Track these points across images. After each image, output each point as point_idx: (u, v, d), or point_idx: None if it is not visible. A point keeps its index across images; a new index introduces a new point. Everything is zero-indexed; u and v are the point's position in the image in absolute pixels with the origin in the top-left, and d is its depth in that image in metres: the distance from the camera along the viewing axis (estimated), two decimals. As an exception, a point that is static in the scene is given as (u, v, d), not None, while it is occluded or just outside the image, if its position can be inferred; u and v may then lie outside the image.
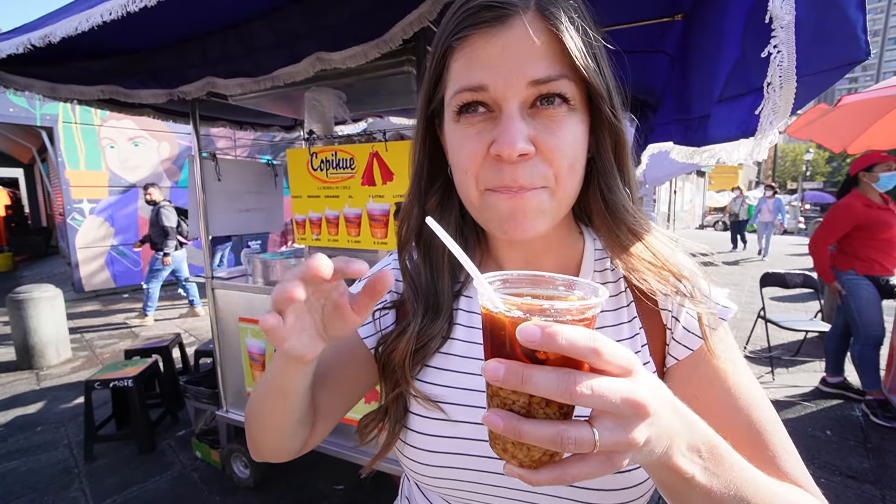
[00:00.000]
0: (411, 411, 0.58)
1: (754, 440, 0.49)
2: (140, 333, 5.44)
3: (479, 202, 0.50)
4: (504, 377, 0.30)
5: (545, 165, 0.47)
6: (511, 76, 0.44)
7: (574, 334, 0.29)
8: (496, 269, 0.60)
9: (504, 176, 0.46)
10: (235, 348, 2.49)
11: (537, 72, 0.44)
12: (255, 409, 0.56)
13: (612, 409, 0.30)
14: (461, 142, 0.49)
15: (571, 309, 0.32)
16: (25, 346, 4.35)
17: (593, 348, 0.29)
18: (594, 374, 0.30)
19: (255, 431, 0.57)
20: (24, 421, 3.38)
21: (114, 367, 3.06)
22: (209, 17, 1.63)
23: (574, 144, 0.47)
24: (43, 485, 2.61)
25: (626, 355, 0.31)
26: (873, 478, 2.53)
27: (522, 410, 0.32)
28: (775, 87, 0.80)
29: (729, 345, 0.54)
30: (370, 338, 0.63)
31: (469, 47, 0.46)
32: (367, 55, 1.47)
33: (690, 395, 0.52)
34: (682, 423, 0.36)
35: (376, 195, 2.07)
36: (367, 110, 2.99)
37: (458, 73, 0.48)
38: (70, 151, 7.20)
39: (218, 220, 2.58)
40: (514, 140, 0.44)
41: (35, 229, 13.30)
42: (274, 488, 2.52)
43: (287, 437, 0.55)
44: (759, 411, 0.50)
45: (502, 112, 0.46)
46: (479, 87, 0.46)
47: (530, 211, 0.48)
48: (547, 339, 0.28)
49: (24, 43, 1.60)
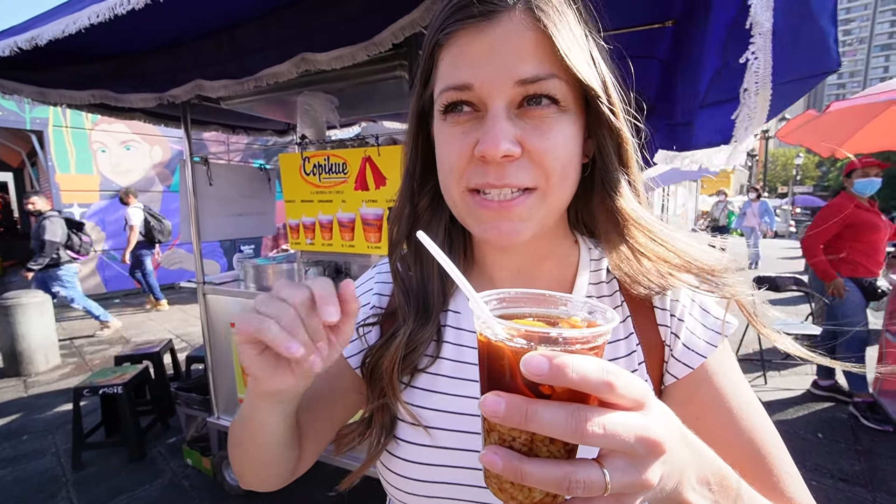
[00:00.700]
0: (395, 435, 0.55)
1: (757, 464, 0.47)
2: (131, 339, 5.37)
3: (461, 202, 0.49)
4: (505, 413, 0.27)
5: (533, 167, 0.45)
6: (497, 75, 0.43)
7: (586, 366, 0.26)
8: (484, 278, 0.60)
9: (488, 176, 0.45)
10: (227, 354, 2.46)
11: (524, 71, 0.43)
12: (235, 446, 0.55)
13: (624, 449, 0.27)
14: (447, 140, 0.48)
15: (581, 337, 0.29)
16: (13, 353, 4.28)
17: (607, 382, 0.26)
18: (604, 408, 0.28)
19: (238, 466, 0.56)
20: (11, 429, 3.32)
21: (103, 373, 3.01)
22: (197, 21, 1.62)
23: (565, 146, 0.45)
24: (29, 494, 2.56)
25: (640, 387, 0.29)
26: (864, 480, 2.54)
27: (524, 448, 0.30)
28: (751, 93, 0.81)
29: (731, 363, 0.52)
30: (354, 356, 0.61)
31: (456, 44, 0.45)
32: (354, 57, 1.47)
33: (691, 415, 0.50)
34: (691, 454, 0.34)
35: (369, 200, 2.07)
36: (360, 115, 2.99)
37: (445, 71, 0.47)
38: (60, 155, 7.14)
39: (210, 224, 2.56)
40: (499, 141, 0.42)
41: (24, 234, 13.12)
42: (265, 495, 2.48)
43: (274, 468, 0.54)
44: (762, 434, 0.48)
45: (488, 111, 0.44)
46: (464, 86, 0.44)
47: (516, 217, 0.46)
48: (555, 372, 0.26)
49: (10, 46, 1.59)
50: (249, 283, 2.45)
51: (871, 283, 3.22)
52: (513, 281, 0.57)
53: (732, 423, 0.49)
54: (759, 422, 0.49)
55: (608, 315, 0.33)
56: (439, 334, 0.57)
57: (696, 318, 0.53)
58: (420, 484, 0.52)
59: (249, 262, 2.50)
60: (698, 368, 0.51)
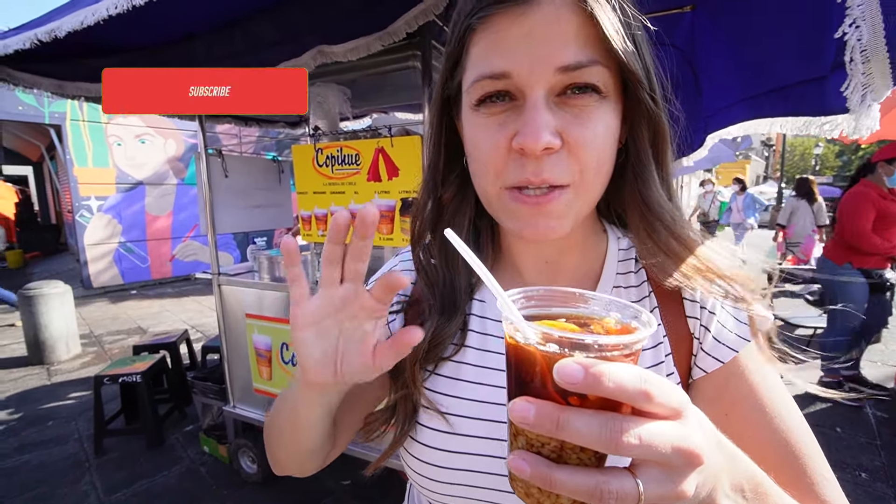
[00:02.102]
0: (418, 421, 0.55)
1: (791, 465, 0.45)
2: (148, 329, 5.49)
3: (497, 200, 0.47)
4: (535, 421, 0.26)
5: (572, 160, 0.43)
6: (537, 62, 0.40)
7: (622, 375, 0.25)
8: (511, 268, 0.59)
9: (527, 170, 0.43)
10: (242, 344, 2.50)
11: (566, 57, 0.40)
12: (274, 435, 0.56)
13: (661, 460, 0.26)
14: (480, 133, 0.45)
15: (618, 344, 0.28)
16: (36, 342, 4.41)
17: (644, 392, 0.25)
18: (639, 417, 0.27)
19: (276, 453, 0.58)
20: (36, 415, 3.42)
21: (122, 362, 3.09)
22: (214, 13, 1.63)
23: (604, 137, 0.44)
24: (55, 478, 2.65)
25: (678, 395, 0.27)
26: (885, 475, 2.50)
27: (553, 455, 0.28)
28: (857, 64, 0.74)
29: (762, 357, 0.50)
30: None
31: (491, 29, 0.42)
32: (369, 48, 1.46)
33: (720, 412, 0.49)
34: (726, 460, 0.33)
35: (382, 191, 2.06)
36: (372, 106, 2.98)
37: (478, 57, 0.44)
38: (78, 149, 7.26)
39: (227, 216, 2.58)
40: (539, 133, 0.40)
41: (44, 226, 13.45)
42: (281, 483, 2.53)
43: (313, 457, 0.56)
44: (796, 433, 0.46)
45: (526, 101, 0.42)
46: (501, 75, 0.42)
47: (553, 214, 0.45)
48: (591, 381, 0.25)
49: (30, 38, 1.61)
50: (263, 274, 2.48)
51: (881, 274, 3.17)
52: (539, 271, 0.56)
53: (765, 421, 0.47)
54: (793, 421, 0.47)
55: (644, 318, 0.31)
56: (464, 323, 0.57)
57: (729, 311, 0.51)
58: (442, 470, 0.52)
59: (263, 253, 2.52)
60: (729, 363, 0.49)
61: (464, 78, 0.47)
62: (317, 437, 0.52)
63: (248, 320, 2.44)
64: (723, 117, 1.82)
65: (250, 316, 2.44)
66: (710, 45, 1.66)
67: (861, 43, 0.72)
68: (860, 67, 0.75)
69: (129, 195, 7.84)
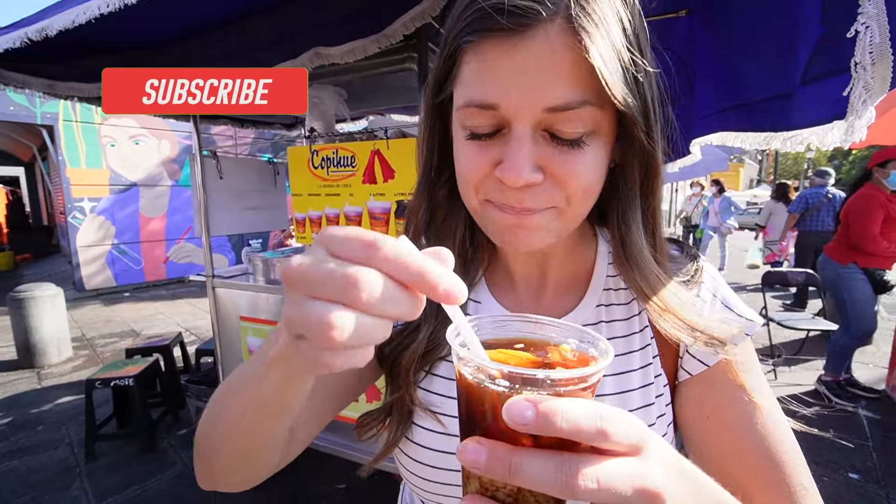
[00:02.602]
0: (413, 422, 0.55)
1: (771, 471, 0.45)
2: (141, 332, 5.44)
3: (480, 210, 0.47)
4: (486, 465, 0.25)
5: (556, 190, 0.42)
6: (525, 98, 0.39)
7: (576, 412, 0.24)
8: (503, 270, 0.59)
9: (508, 197, 0.43)
10: (236, 347, 2.48)
11: (555, 97, 0.38)
12: (227, 432, 0.44)
13: (620, 502, 0.25)
14: (465, 155, 0.45)
15: (573, 378, 0.26)
16: (26, 345, 4.35)
17: (601, 430, 0.24)
18: (596, 455, 0.25)
19: (224, 456, 0.45)
20: (26, 420, 3.37)
21: (114, 366, 3.05)
22: (209, 13, 1.62)
23: (593, 168, 0.42)
24: (44, 484, 2.61)
25: (637, 429, 0.26)
26: (877, 477, 2.52)
27: (509, 499, 0.27)
28: (866, 66, 0.74)
29: (751, 363, 0.50)
30: None
31: (482, 54, 0.40)
32: (366, 50, 1.46)
33: (702, 414, 0.49)
34: (690, 489, 0.32)
35: (377, 193, 2.06)
36: (368, 108, 2.97)
37: (468, 79, 0.42)
38: (71, 150, 7.20)
39: (221, 218, 2.57)
40: (521, 169, 0.40)
41: (36, 228, 13.31)
42: (275, 487, 2.51)
43: (269, 458, 0.47)
44: (778, 442, 0.46)
45: (511, 132, 0.41)
46: (488, 105, 0.40)
47: (533, 228, 0.44)
48: (542, 421, 0.23)
49: (21, 37, 1.59)
50: (258, 276, 2.46)
51: (882, 275, 3.22)
52: (530, 274, 0.57)
53: (746, 426, 0.47)
54: (775, 428, 0.47)
55: (602, 346, 0.30)
56: None
57: (717, 314, 0.51)
58: (435, 471, 0.52)
59: (258, 255, 2.51)
60: (714, 366, 0.49)
61: (455, 92, 0.45)
62: (287, 424, 0.43)
63: (243, 323, 2.43)
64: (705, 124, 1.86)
65: (245, 319, 2.42)
66: (703, 52, 1.68)
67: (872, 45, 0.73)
68: (868, 70, 0.75)
69: (122, 197, 7.77)
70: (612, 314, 0.54)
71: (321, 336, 0.24)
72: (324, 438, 2.23)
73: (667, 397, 0.52)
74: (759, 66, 1.38)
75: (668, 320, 0.47)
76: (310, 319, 0.24)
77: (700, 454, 0.51)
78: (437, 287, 0.25)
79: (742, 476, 0.46)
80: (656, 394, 0.51)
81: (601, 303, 0.55)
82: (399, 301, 0.26)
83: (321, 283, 0.25)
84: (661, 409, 0.51)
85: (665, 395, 0.52)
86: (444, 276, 0.25)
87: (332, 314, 0.24)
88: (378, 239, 0.26)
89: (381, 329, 0.26)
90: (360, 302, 0.24)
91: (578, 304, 0.55)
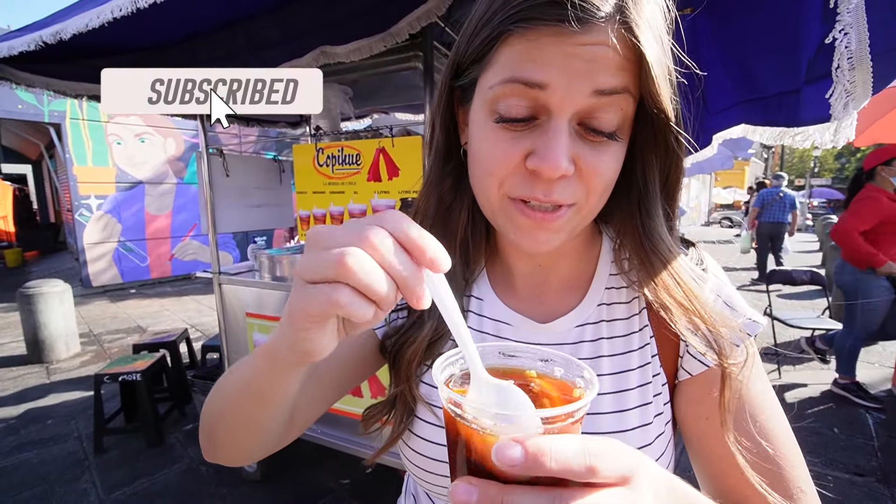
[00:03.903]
0: (416, 415, 0.55)
1: (769, 473, 0.45)
2: (148, 328, 5.49)
3: (499, 206, 0.46)
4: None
5: (580, 185, 0.43)
6: (576, 82, 0.39)
7: (565, 451, 0.24)
8: (504, 269, 0.59)
9: (536, 189, 0.42)
10: (243, 343, 2.51)
11: (604, 81, 0.39)
12: (225, 411, 0.48)
13: None
14: (491, 144, 0.43)
15: (561, 415, 0.26)
16: (35, 341, 4.40)
17: (590, 467, 0.24)
18: (586, 488, 0.25)
19: (222, 433, 0.49)
20: (36, 414, 3.42)
21: (122, 361, 3.09)
22: (217, 14, 1.64)
23: (615, 166, 0.44)
24: (54, 476, 2.65)
25: (625, 460, 0.26)
26: (881, 476, 2.51)
27: None
28: (844, 71, 0.76)
29: (752, 364, 0.50)
30: (381, 328, 0.60)
31: (533, 38, 0.39)
32: (372, 49, 1.47)
33: (701, 414, 0.50)
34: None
35: (381, 191, 2.08)
36: (374, 106, 2.99)
37: (510, 61, 0.41)
38: (77, 147, 7.26)
39: (227, 216, 2.59)
40: (559, 160, 0.39)
41: (43, 225, 13.44)
42: (280, 481, 2.54)
43: (265, 439, 0.49)
44: (777, 443, 0.46)
45: (551, 121, 0.40)
46: (537, 84, 0.39)
47: (554, 231, 0.45)
48: (531, 462, 0.24)
49: (35, 40, 1.62)
50: (264, 273, 2.48)
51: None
52: (531, 273, 0.57)
53: (743, 428, 0.47)
54: (775, 429, 0.47)
55: (587, 376, 0.30)
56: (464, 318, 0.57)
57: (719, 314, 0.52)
58: (438, 463, 0.53)
59: (264, 252, 2.53)
60: (714, 367, 0.49)
61: (483, 76, 0.44)
62: (286, 408, 0.46)
63: (249, 319, 2.45)
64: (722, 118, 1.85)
65: (251, 315, 2.44)
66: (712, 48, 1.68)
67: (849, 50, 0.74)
68: (846, 75, 0.77)
69: (128, 194, 7.83)
70: (613, 313, 0.54)
71: (338, 264, 0.27)
72: (327, 433, 2.25)
73: (665, 396, 0.52)
74: (770, 62, 1.38)
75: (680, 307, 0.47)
76: (329, 255, 0.28)
77: (698, 453, 0.51)
78: (424, 252, 0.29)
79: (739, 477, 0.46)
80: (654, 392, 0.51)
81: (603, 301, 0.55)
82: (400, 258, 0.28)
83: (339, 237, 0.29)
84: (658, 407, 0.51)
85: (664, 394, 0.52)
86: (432, 245, 0.29)
87: (348, 251, 0.27)
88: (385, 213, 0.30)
89: (387, 285, 0.28)
90: (369, 245, 0.28)
91: (580, 303, 0.55)
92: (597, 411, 0.50)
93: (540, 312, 0.56)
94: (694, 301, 0.47)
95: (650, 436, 0.50)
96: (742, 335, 0.48)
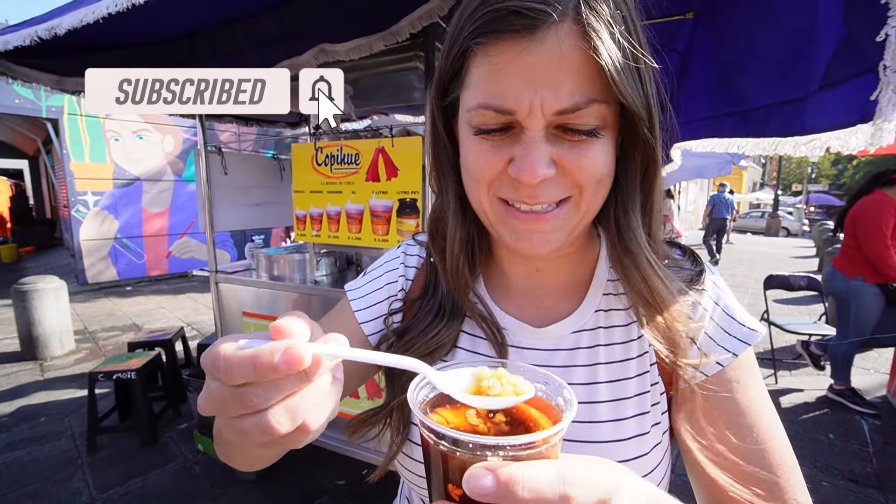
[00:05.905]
0: (413, 423, 0.55)
1: (765, 483, 0.45)
2: (143, 326, 5.46)
3: (491, 210, 0.47)
4: None
5: (568, 182, 0.43)
6: (536, 103, 0.39)
7: (539, 479, 0.23)
8: (501, 274, 0.59)
9: (521, 193, 0.43)
10: (238, 342, 2.49)
11: (564, 101, 0.39)
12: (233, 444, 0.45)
13: None
14: (475, 154, 0.45)
15: (534, 441, 0.25)
16: (29, 337, 4.37)
17: (564, 495, 0.23)
18: None
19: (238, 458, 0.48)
20: (29, 411, 3.39)
21: (117, 359, 3.07)
22: (216, 10, 1.62)
23: (604, 163, 0.43)
24: (46, 475, 2.62)
25: (602, 484, 0.25)
26: (877, 482, 2.52)
27: None
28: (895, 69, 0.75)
29: (751, 373, 0.50)
30: (375, 335, 0.60)
31: (494, 56, 0.40)
32: (371, 47, 1.46)
33: (699, 425, 0.49)
34: None
35: (380, 191, 2.06)
36: (373, 106, 2.98)
37: (479, 81, 0.42)
38: (75, 143, 7.22)
39: (225, 214, 2.57)
40: (535, 168, 0.40)
41: (39, 221, 13.37)
42: (275, 482, 2.52)
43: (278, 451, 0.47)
44: (773, 454, 0.46)
45: (524, 133, 0.41)
46: (505, 111, 0.41)
47: (549, 231, 0.45)
48: (504, 491, 0.23)
49: (30, 35, 1.60)
50: (261, 272, 2.47)
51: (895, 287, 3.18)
52: (528, 277, 0.57)
53: (740, 437, 0.47)
54: (772, 440, 0.46)
55: (567, 395, 0.29)
56: (455, 340, 0.56)
57: (717, 323, 0.51)
58: None
59: (261, 251, 2.51)
60: (713, 376, 0.49)
61: (462, 95, 0.45)
62: None
63: (246, 318, 2.44)
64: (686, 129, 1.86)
65: (247, 314, 2.43)
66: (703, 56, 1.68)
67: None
68: None
69: (125, 191, 7.80)
70: (610, 320, 0.54)
71: None
72: (324, 435, 2.24)
73: (663, 405, 0.52)
74: (768, 71, 1.38)
75: (649, 311, 0.48)
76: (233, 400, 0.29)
77: (694, 464, 0.51)
78: (272, 362, 0.27)
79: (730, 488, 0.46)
80: (652, 402, 0.51)
81: (600, 308, 0.54)
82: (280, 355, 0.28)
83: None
84: (656, 417, 0.51)
85: (661, 404, 0.52)
86: (273, 353, 0.27)
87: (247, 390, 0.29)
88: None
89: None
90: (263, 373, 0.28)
91: (577, 309, 0.54)
92: (595, 420, 0.50)
93: (536, 317, 0.56)
94: (656, 296, 0.47)
95: (647, 445, 0.49)
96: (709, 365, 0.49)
